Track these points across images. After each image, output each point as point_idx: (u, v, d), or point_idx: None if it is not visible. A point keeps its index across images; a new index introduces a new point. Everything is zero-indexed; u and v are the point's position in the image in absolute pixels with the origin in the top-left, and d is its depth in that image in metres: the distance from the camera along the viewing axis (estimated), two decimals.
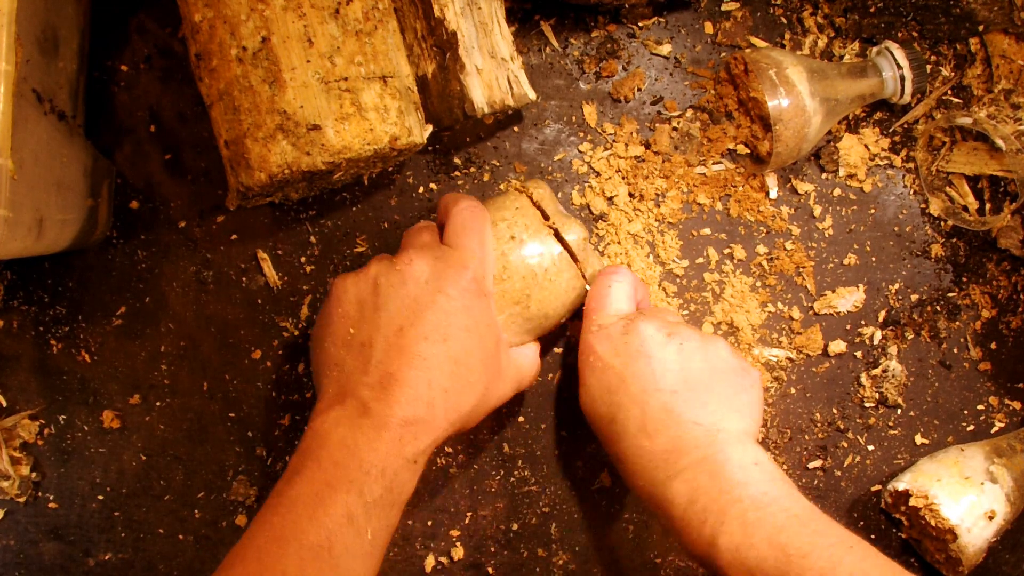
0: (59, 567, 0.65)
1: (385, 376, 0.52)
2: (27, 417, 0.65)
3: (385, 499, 0.50)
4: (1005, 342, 0.70)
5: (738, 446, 0.53)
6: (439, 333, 0.53)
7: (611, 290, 0.60)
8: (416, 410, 0.51)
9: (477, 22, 0.62)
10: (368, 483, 0.49)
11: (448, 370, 0.53)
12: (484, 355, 0.55)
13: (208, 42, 0.55)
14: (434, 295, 0.53)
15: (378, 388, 0.51)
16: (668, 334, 0.57)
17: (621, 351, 0.57)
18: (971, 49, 0.69)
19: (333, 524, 0.48)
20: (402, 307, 0.53)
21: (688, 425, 0.54)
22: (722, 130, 0.68)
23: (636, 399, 0.55)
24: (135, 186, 0.66)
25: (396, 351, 0.52)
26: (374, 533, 0.49)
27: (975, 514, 0.63)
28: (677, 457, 0.53)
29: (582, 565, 0.68)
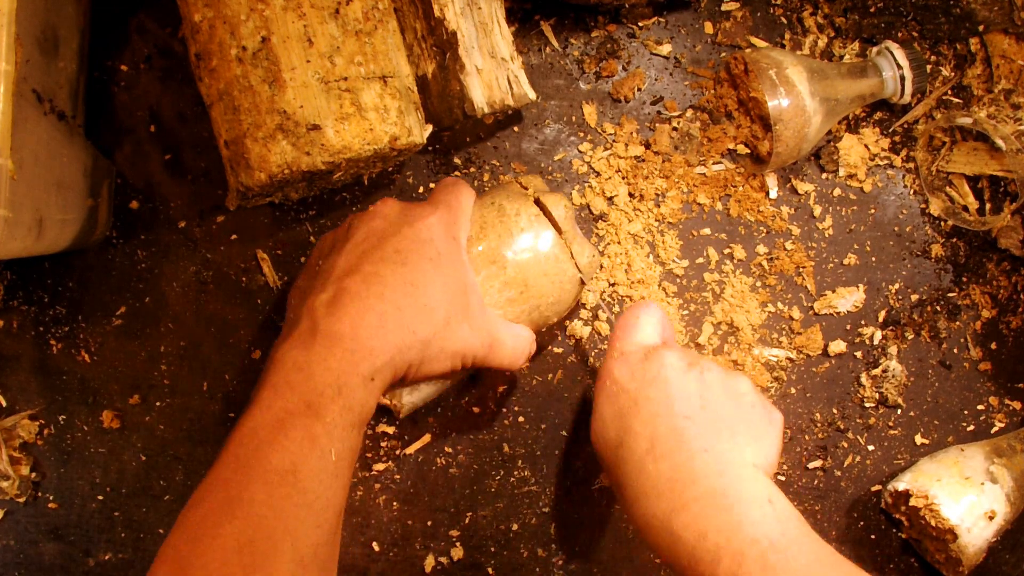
0: (59, 567, 0.65)
1: (339, 291, 0.51)
2: (27, 417, 0.65)
3: (344, 418, 0.49)
4: (1005, 342, 0.70)
5: (750, 480, 0.50)
6: (399, 256, 0.53)
7: (639, 321, 0.58)
8: (368, 323, 0.50)
9: (477, 22, 0.62)
10: (324, 403, 0.48)
11: (403, 290, 0.52)
12: (446, 288, 0.54)
13: (208, 42, 0.55)
14: (400, 227, 0.54)
15: (330, 304, 0.51)
16: (689, 363, 0.55)
17: (638, 375, 0.55)
18: (971, 49, 0.69)
19: (295, 447, 0.47)
20: (367, 236, 0.54)
21: (698, 452, 0.51)
22: (722, 130, 0.68)
23: (647, 422, 0.53)
24: (135, 186, 0.66)
25: (354, 270, 0.52)
26: (338, 453, 0.48)
27: (975, 514, 0.63)
28: (683, 487, 0.50)
29: (582, 565, 0.68)
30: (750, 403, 0.54)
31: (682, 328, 0.69)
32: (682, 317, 0.69)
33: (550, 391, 0.68)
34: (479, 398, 0.67)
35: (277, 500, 0.46)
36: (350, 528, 0.67)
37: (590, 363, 0.68)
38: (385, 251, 0.53)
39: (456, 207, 0.57)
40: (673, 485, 0.50)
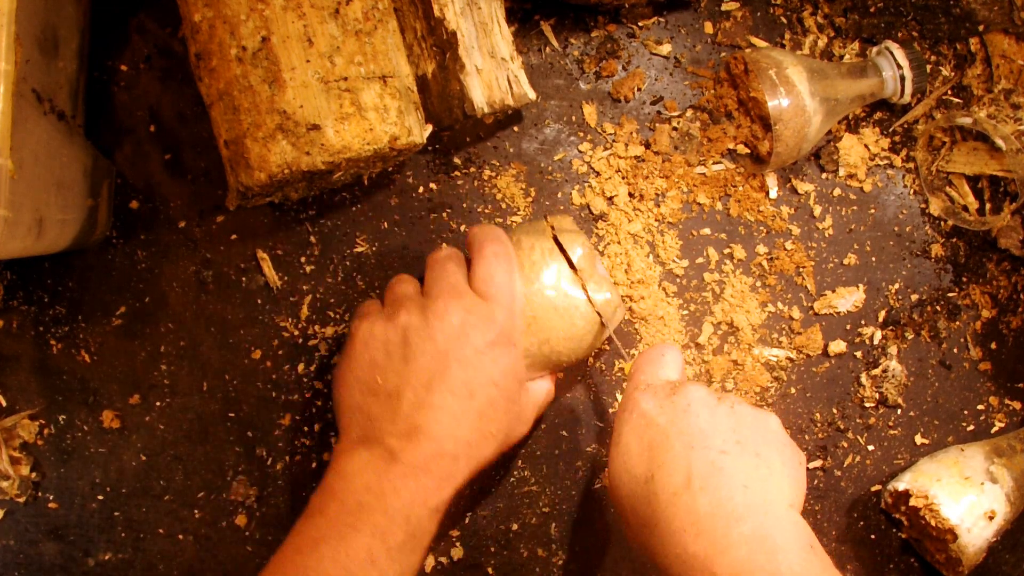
0: (59, 567, 0.65)
1: (412, 428, 0.53)
2: (27, 417, 0.65)
3: (407, 545, 0.51)
4: (1005, 342, 0.70)
5: (792, 524, 0.49)
6: (466, 388, 0.54)
7: (664, 358, 0.57)
8: (441, 463, 0.53)
9: (477, 22, 0.62)
10: (392, 528, 0.50)
11: (472, 424, 0.54)
12: (507, 404, 0.56)
13: (208, 42, 0.55)
14: (463, 349, 0.54)
15: (405, 439, 0.53)
16: (719, 398, 0.54)
17: (667, 409, 0.53)
18: (971, 49, 0.69)
19: (355, 566, 0.48)
20: (431, 360, 0.54)
21: (738, 488, 0.49)
22: (722, 130, 0.68)
23: (681, 455, 0.51)
24: (135, 186, 0.66)
25: (424, 404, 0.53)
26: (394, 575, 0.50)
27: (975, 514, 0.63)
28: (726, 525, 0.48)
29: (582, 565, 0.68)
30: (780, 440, 0.53)
31: (682, 328, 0.69)
32: (682, 317, 0.69)
33: None
34: None
35: None
36: None
37: (590, 363, 0.68)
38: (452, 382, 0.54)
39: (510, 306, 0.57)
40: (715, 522, 0.48)
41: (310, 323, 0.67)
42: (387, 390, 0.54)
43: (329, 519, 0.50)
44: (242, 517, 0.66)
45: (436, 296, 0.56)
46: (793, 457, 0.53)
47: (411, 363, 0.54)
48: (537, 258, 0.59)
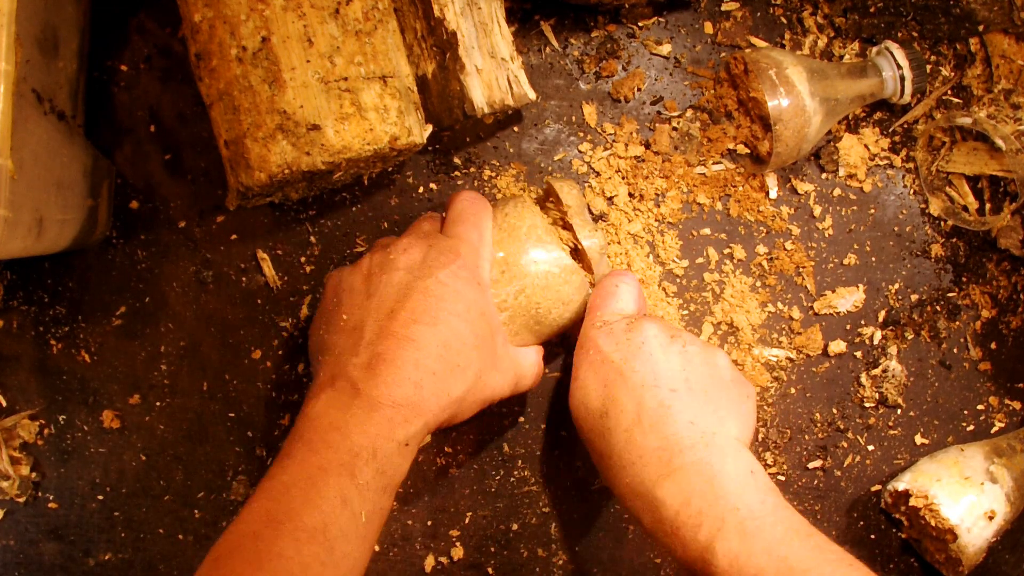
0: (59, 567, 0.65)
1: (374, 357, 0.52)
2: (27, 417, 0.65)
3: (377, 481, 0.50)
4: (1005, 342, 0.70)
5: (734, 452, 0.52)
6: (429, 316, 0.53)
7: (618, 290, 0.59)
8: (405, 391, 0.51)
9: (477, 22, 0.62)
10: (359, 465, 0.49)
11: (437, 352, 0.53)
12: (476, 341, 0.55)
13: (208, 42, 0.55)
14: (425, 280, 0.54)
15: (367, 369, 0.52)
16: (671, 336, 0.56)
17: (623, 346, 0.56)
18: (971, 49, 0.69)
19: (328, 507, 0.48)
20: (393, 292, 0.54)
21: (684, 424, 0.53)
22: (722, 130, 0.68)
23: (633, 393, 0.54)
24: (135, 186, 0.66)
25: (386, 333, 0.52)
26: (368, 516, 0.49)
27: (975, 514, 0.63)
28: (670, 456, 0.52)
29: (582, 565, 0.68)
30: (729, 378, 0.56)
31: (682, 328, 0.69)
32: (682, 317, 0.69)
33: (550, 391, 0.68)
34: None
35: (306, 557, 0.46)
36: None
37: None
38: (414, 311, 0.53)
39: (478, 244, 0.58)
40: (660, 455, 0.52)
41: (310, 323, 0.67)
42: (351, 325, 0.54)
43: (298, 462, 0.49)
44: None
45: (401, 238, 0.57)
46: (740, 394, 0.56)
47: (373, 296, 0.54)
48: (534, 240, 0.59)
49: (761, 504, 0.50)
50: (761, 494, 0.51)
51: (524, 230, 0.59)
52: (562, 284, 0.59)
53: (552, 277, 0.59)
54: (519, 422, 0.68)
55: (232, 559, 0.46)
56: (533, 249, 0.59)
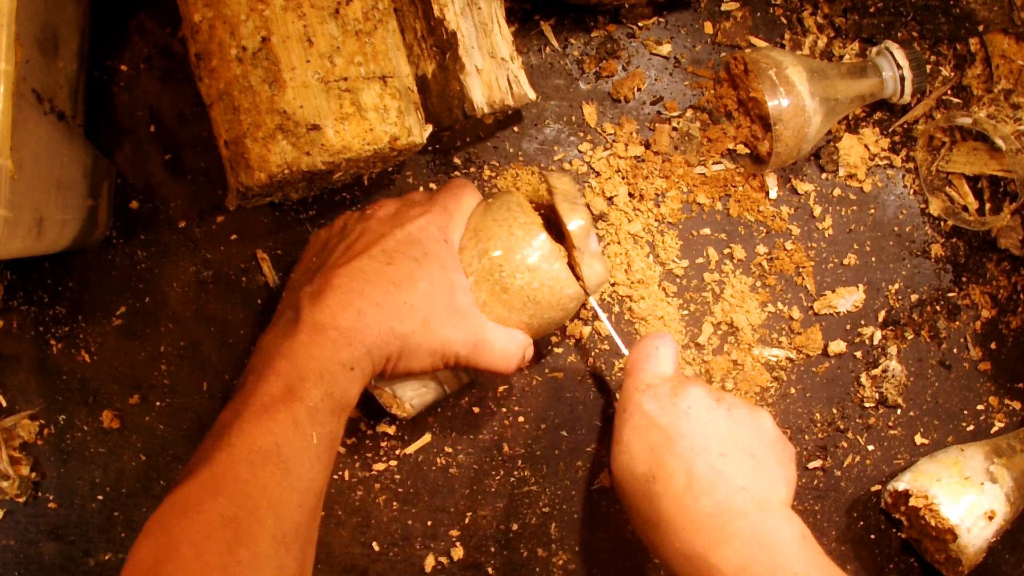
0: (59, 567, 0.65)
1: (323, 285, 0.53)
2: (27, 417, 0.65)
3: (326, 404, 0.50)
4: (1005, 342, 0.70)
5: (787, 518, 0.53)
6: (385, 256, 0.55)
7: (658, 352, 0.59)
8: (347, 315, 0.52)
9: (477, 22, 0.62)
10: (308, 388, 0.50)
11: (383, 287, 0.53)
12: (429, 288, 0.55)
13: (208, 42, 0.55)
14: (391, 228, 0.56)
15: (313, 296, 0.53)
16: (717, 399, 0.56)
17: (668, 410, 0.56)
18: (971, 49, 0.69)
19: (279, 429, 0.48)
20: (360, 236, 0.56)
21: (736, 489, 0.53)
22: (722, 130, 0.68)
23: (682, 458, 0.54)
24: (135, 186, 0.66)
25: (339, 265, 0.54)
26: (319, 437, 0.50)
27: (975, 514, 0.63)
28: (724, 522, 0.52)
29: (582, 565, 0.68)
30: (774, 439, 0.56)
31: (682, 328, 0.69)
32: (682, 317, 0.69)
33: (550, 391, 0.68)
34: (479, 398, 0.67)
35: (261, 478, 0.47)
36: (350, 528, 0.67)
37: (590, 363, 0.68)
38: (373, 251, 0.55)
39: (453, 209, 0.59)
40: (713, 521, 0.52)
41: None
42: (316, 265, 0.57)
43: (248, 391, 0.50)
44: None
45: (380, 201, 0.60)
46: (785, 454, 0.56)
47: (341, 241, 0.57)
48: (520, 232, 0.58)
49: (818, 569, 0.51)
50: (816, 559, 0.51)
51: (497, 205, 0.59)
52: (525, 247, 0.57)
53: (515, 240, 0.57)
54: (519, 422, 0.68)
55: (189, 484, 0.46)
56: (499, 214, 0.59)
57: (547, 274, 0.58)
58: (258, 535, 0.45)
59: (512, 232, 0.58)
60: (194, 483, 0.46)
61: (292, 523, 0.48)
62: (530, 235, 0.57)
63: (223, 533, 0.44)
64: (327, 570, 0.67)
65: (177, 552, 0.44)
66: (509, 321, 0.59)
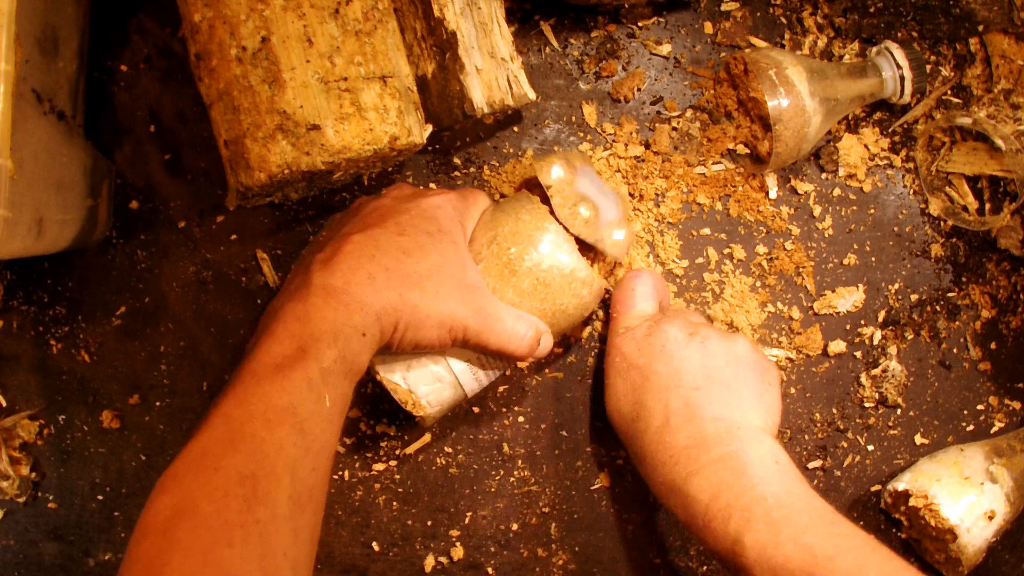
0: (59, 567, 0.65)
1: (335, 251, 0.54)
2: (27, 417, 0.65)
3: (339, 367, 0.50)
4: (1005, 342, 0.70)
5: (758, 442, 0.54)
6: (399, 227, 0.55)
7: (634, 293, 0.62)
8: (358, 279, 0.52)
9: (477, 22, 0.62)
10: (321, 349, 0.50)
11: (394, 255, 0.54)
12: (441, 259, 0.55)
13: (208, 42, 0.55)
14: (406, 205, 0.57)
15: (326, 262, 0.53)
16: (690, 333, 0.58)
17: (645, 351, 0.59)
18: (971, 49, 0.69)
19: (294, 388, 0.48)
20: (374, 210, 0.57)
21: (708, 421, 0.55)
22: (722, 130, 0.68)
23: (659, 396, 0.57)
24: (135, 186, 0.66)
25: (352, 232, 0.55)
26: (331, 399, 0.50)
27: (975, 514, 0.63)
28: (699, 453, 0.54)
29: (582, 565, 0.68)
30: (750, 366, 0.58)
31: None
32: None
33: (550, 391, 0.68)
34: (479, 398, 0.67)
35: (278, 437, 0.47)
36: (350, 528, 0.67)
37: (590, 363, 0.68)
38: (387, 223, 0.56)
39: (470, 199, 0.60)
40: (689, 452, 0.55)
41: None
42: (329, 237, 0.57)
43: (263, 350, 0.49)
44: None
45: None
46: (762, 379, 0.58)
47: (356, 215, 0.58)
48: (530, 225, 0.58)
49: (787, 493, 0.52)
50: (787, 483, 0.52)
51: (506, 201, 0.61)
52: (533, 229, 0.58)
53: (523, 223, 0.58)
54: (519, 422, 0.68)
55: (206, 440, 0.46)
56: (507, 206, 0.60)
57: (555, 256, 0.58)
58: (276, 494, 0.45)
59: (519, 217, 0.59)
60: (210, 438, 0.46)
61: (307, 485, 0.47)
62: (537, 218, 0.59)
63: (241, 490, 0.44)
64: (327, 570, 0.67)
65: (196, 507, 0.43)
66: (520, 307, 0.59)
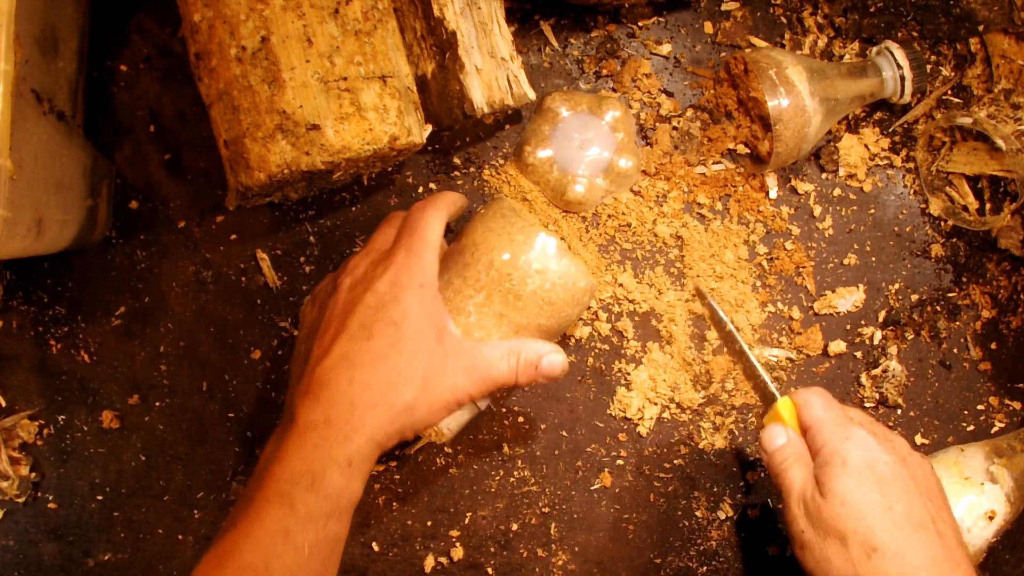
0: (59, 567, 0.65)
1: (312, 381, 0.52)
2: (27, 417, 0.65)
3: (321, 508, 0.48)
4: (1005, 342, 0.70)
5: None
6: (364, 330, 0.52)
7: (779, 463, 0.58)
8: (339, 409, 0.50)
9: (477, 22, 0.62)
10: (299, 493, 0.48)
11: (371, 367, 0.51)
12: (417, 347, 0.52)
13: (207, 42, 0.55)
14: (363, 295, 0.53)
15: (305, 395, 0.51)
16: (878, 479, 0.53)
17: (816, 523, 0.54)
18: (971, 49, 0.69)
19: (268, 540, 0.47)
20: (337, 313, 0.54)
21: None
22: (722, 130, 0.68)
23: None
24: (135, 186, 0.66)
25: (324, 356, 0.52)
26: (311, 546, 0.48)
27: (975, 514, 0.63)
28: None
29: (582, 565, 0.68)
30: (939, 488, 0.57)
31: (688, 329, 0.69)
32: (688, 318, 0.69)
33: (550, 391, 0.68)
34: None
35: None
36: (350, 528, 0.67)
37: (590, 363, 0.68)
38: (351, 329, 0.52)
39: (419, 248, 0.55)
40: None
41: None
42: (302, 354, 0.55)
43: (245, 498, 0.49)
44: None
45: (352, 256, 0.57)
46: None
47: (320, 321, 0.55)
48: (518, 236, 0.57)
49: None
50: None
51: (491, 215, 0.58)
52: (529, 250, 0.56)
53: (517, 245, 0.56)
54: (519, 422, 0.68)
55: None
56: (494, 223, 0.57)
57: (556, 273, 0.57)
58: None
59: (512, 238, 0.56)
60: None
61: None
62: (530, 237, 0.56)
63: None
64: None
65: None
66: (528, 328, 0.57)
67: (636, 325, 0.68)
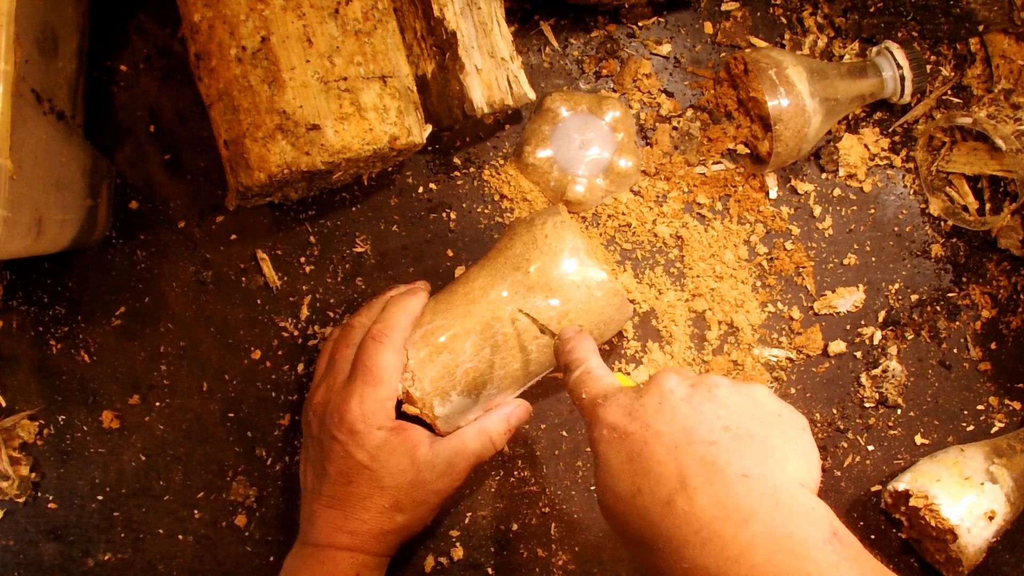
0: (59, 567, 0.65)
1: (312, 514, 0.59)
2: (27, 417, 0.65)
3: None
4: (1005, 342, 0.70)
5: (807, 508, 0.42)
6: (343, 477, 0.58)
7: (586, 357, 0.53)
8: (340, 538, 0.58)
9: (477, 22, 0.62)
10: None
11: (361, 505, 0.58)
12: (395, 479, 0.58)
13: (207, 42, 0.55)
14: (331, 443, 0.58)
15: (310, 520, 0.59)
16: (692, 384, 0.48)
17: (638, 413, 0.47)
18: (971, 49, 0.69)
19: None
20: (316, 454, 0.59)
21: (735, 479, 0.43)
22: (722, 130, 0.68)
23: (666, 458, 0.44)
24: (135, 186, 0.66)
25: (317, 496, 0.59)
26: None
27: (975, 514, 0.63)
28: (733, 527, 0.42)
29: (582, 565, 0.68)
30: (774, 412, 0.47)
31: (688, 329, 0.69)
32: (688, 318, 0.69)
33: (550, 391, 0.68)
34: None
35: None
36: None
37: None
38: (332, 475, 0.58)
39: (374, 377, 0.57)
40: (720, 525, 0.42)
41: (310, 323, 0.67)
42: (307, 475, 0.61)
43: None
44: (242, 517, 0.66)
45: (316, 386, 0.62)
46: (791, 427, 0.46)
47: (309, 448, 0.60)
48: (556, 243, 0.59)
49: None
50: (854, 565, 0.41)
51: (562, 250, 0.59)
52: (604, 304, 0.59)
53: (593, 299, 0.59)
54: None
55: None
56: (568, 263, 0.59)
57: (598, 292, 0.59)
58: None
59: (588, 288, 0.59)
60: None
61: None
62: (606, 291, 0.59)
63: None
64: None
65: None
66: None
67: (636, 325, 0.68)
